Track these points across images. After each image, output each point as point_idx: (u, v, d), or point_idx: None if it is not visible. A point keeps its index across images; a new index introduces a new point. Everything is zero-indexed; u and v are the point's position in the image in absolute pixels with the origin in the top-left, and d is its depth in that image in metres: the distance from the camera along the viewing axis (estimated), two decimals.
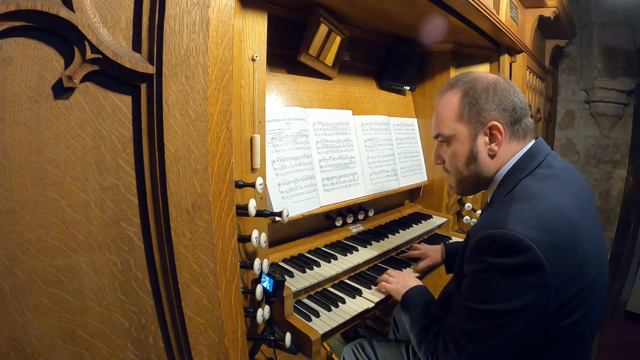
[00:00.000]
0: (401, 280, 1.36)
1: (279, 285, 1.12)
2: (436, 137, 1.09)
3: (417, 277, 1.51)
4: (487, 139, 0.99)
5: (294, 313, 1.29)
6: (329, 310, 1.32)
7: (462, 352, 0.89)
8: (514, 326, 0.83)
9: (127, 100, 0.74)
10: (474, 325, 0.88)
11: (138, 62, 0.71)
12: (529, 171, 0.96)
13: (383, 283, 1.41)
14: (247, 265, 1.08)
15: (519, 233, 0.80)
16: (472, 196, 2.14)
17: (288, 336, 1.12)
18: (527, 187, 0.92)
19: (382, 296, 1.42)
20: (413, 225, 2.01)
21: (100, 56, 0.67)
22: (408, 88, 2.24)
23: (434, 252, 1.59)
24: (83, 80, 0.68)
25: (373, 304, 1.37)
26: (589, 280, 0.87)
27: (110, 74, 0.71)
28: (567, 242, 0.84)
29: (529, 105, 1.03)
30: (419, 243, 1.96)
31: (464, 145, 1.01)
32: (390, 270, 1.47)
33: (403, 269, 1.62)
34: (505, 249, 0.81)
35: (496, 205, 0.95)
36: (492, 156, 1.00)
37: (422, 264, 1.58)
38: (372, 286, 1.48)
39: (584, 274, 0.86)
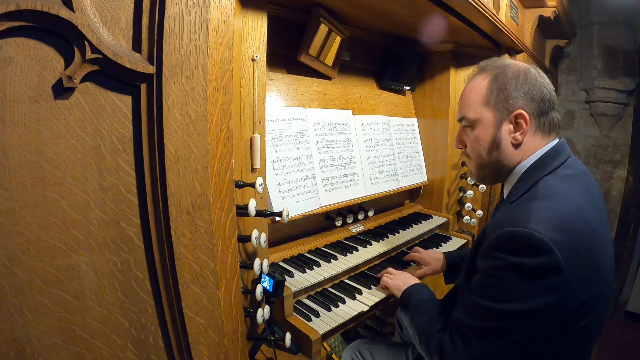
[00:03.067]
0: (402, 277, 1.36)
1: (279, 285, 1.12)
2: (460, 120, 1.06)
3: None
4: (511, 127, 0.97)
5: (294, 313, 1.29)
6: (329, 310, 1.32)
7: (471, 349, 0.87)
8: (525, 328, 0.81)
9: (127, 100, 0.74)
10: (484, 323, 0.86)
11: (138, 62, 0.71)
12: (551, 169, 0.93)
13: (384, 278, 1.42)
14: (247, 265, 1.08)
15: (541, 234, 0.78)
16: (472, 196, 2.14)
17: (288, 336, 1.12)
18: (550, 186, 0.90)
19: (382, 296, 1.42)
20: (413, 225, 2.01)
21: (100, 56, 0.67)
22: (408, 88, 2.24)
23: (435, 261, 1.55)
24: (83, 80, 0.68)
25: (373, 304, 1.37)
26: (602, 285, 0.86)
27: (110, 74, 0.71)
28: (586, 246, 0.82)
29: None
30: (419, 243, 1.96)
31: (487, 130, 0.99)
32: (390, 269, 1.47)
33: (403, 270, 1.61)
34: (525, 249, 0.79)
35: (516, 201, 0.93)
36: (515, 146, 0.98)
37: (421, 272, 1.54)
38: (372, 286, 1.48)
39: (598, 279, 0.85)
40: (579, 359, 0.91)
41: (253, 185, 1.06)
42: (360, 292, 1.43)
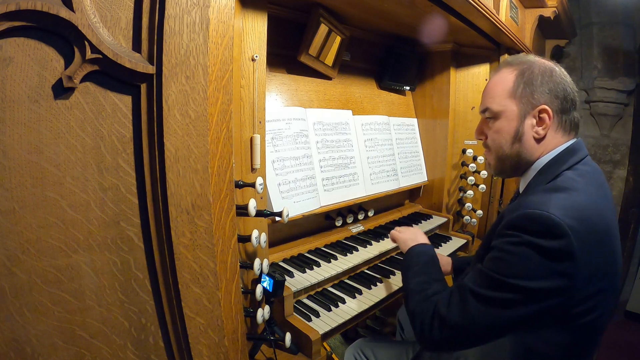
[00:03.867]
0: (412, 234, 1.36)
1: (279, 285, 1.12)
2: (483, 111, 1.08)
3: None
4: (534, 121, 0.98)
5: (294, 313, 1.29)
6: (329, 310, 1.32)
7: (465, 311, 0.88)
8: (526, 308, 0.82)
9: (127, 100, 0.74)
10: (487, 291, 0.86)
11: (138, 62, 0.71)
12: (570, 164, 0.95)
13: (393, 231, 1.44)
14: (247, 265, 1.08)
15: (559, 218, 0.80)
16: (472, 196, 2.14)
17: (288, 336, 1.12)
18: (570, 180, 0.92)
19: (383, 296, 1.42)
20: (413, 225, 2.01)
21: (100, 56, 0.67)
22: (408, 88, 2.24)
23: (443, 265, 1.50)
24: (83, 80, 0.68)
25: (373, 304, 1.37)
26: (612, 280, 0.88)
27: (110, 74, 0.71)
28: (600, 238, 0.84)
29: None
30: None
31: (510, 123, 1.01)
32: (401, 227, 1.48)
33: None
34: (543, 230, 0.81)
35: (536, 190, 0.94)
36: (537, 140, 1.00)
37: None
38: (372, 286, 1.48)
39: (609, 273, 0.86)
40: (582, 358, 0.91)
41: (253, 185, 1.06)
42: (360, 292, 1.43)
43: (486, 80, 2.16)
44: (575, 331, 0.86)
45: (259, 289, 1.10)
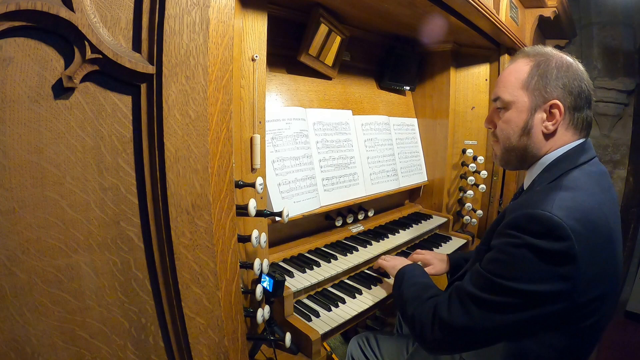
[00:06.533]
0: (399, 260, 1.44)
1: (279, 285, 1.12)
2: (495, 100, 1.06)
3: None
4: (545, 115, 0.97)
5: (294, 313, 1.29)
6: (329, 310, 1.32)
7: (467, 316, 0.86)
8: (527, 312, 0.81)
9: (127, 100, 0.74)
10: (487, 295, 0.85)
11: (138, 62, 0.71)
12: (577, 164, 0.94)
13: (380, 260, 1.48)
14: (247, 265, 1.08)
15: (561, 219, 0.78)
16: (472, 196, 2.14)
17: (288, 336, 1.12)
18: (575, 179, 0.90)
19: (383, 296, 1.42)
20: (413, 225, 2.01)
21: (100, 56, 0.67)
22: (408, 88, 2.24)
23: (439, 262, 1.54)
24: (83, 80, 0.68)
25: (373, 304, 1.37)
26: (613, 283, 0.86)
27: (110, 74, 0.71)
28: (603, 242, 0.82)
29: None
30: (419, 243, 1.96)
31: (520, 114, 0.99)
32: (385, 255, 1.54)
33: None
34: (544, 232, 0.79)
35: (540, 188, 0.93)
36: (545, 135, 0.98)
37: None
38: (372, 286, 1.48)
39: (610, 277, 0.85)
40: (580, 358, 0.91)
41: (253, 185, 1.06)
42: (360, 292, 1.43)
43: (486, 80, 2.16)
44: (573, 334, 0.85)
45: (259, 289, 1.10)
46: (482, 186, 2.13)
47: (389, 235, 1.83)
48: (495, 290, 0.84)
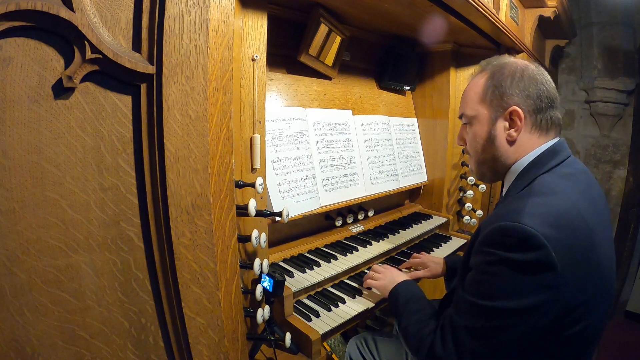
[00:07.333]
0: (388, 276, 1.32)
1: (279, 285, 1.12)
2: (460, 117, 1.08)
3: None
4: (506, 124, 0.97)
5: (294, 313, 1.29)
6: (329, 310, 1.32)
7: (462, 350, 0.86)
8: (518, 327, 0.80)
9: (127, 100, 0.74)
10: (476, 322, 0.84)
11: (138, 62, 0.71)
12: (548, 168, 0.93)
13: (369, 280, 1.38)
14: (247, 265, 1.08)
15: (533, 228, 0.76)
16: (472, 196, 2.14)
17: (288, 336, 1.12)
18: (547, 183, 0.89)
19: (383, 296, 1.41)
20: (413, 225, 2.01)
21: (100, 56, 0.67)
22: (408, 88, 2.24)
23: (435, 265, 1.53)
24: (83, 80, 0.68)
25: (373, 304, 1.37)
26: (600, 288, 0.84)
27: (110, 74, 0.71)
28: (583, 243, 0.80)
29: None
30: (419, 243, 1.96)
31: (483, 127, 1.01)
32: (375, 266, 1.44)
33: None
34: (517, 244, 0.78)
35: (512, 198, 0.93)
36: (510, 142, 0.98)
37: (420, 273, 1.52)
38: None
39: (596, 281, 0.83)
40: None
41: (253, 185, 1.06)
42: (360, 292, 1.43)
43: None
44: (565, 342, 0.83)
45: (259, 289, 1.10)
46: (482, 186, 2.13)
47: (389, 235, 1.82)
48: (482, 315, 0.83)
